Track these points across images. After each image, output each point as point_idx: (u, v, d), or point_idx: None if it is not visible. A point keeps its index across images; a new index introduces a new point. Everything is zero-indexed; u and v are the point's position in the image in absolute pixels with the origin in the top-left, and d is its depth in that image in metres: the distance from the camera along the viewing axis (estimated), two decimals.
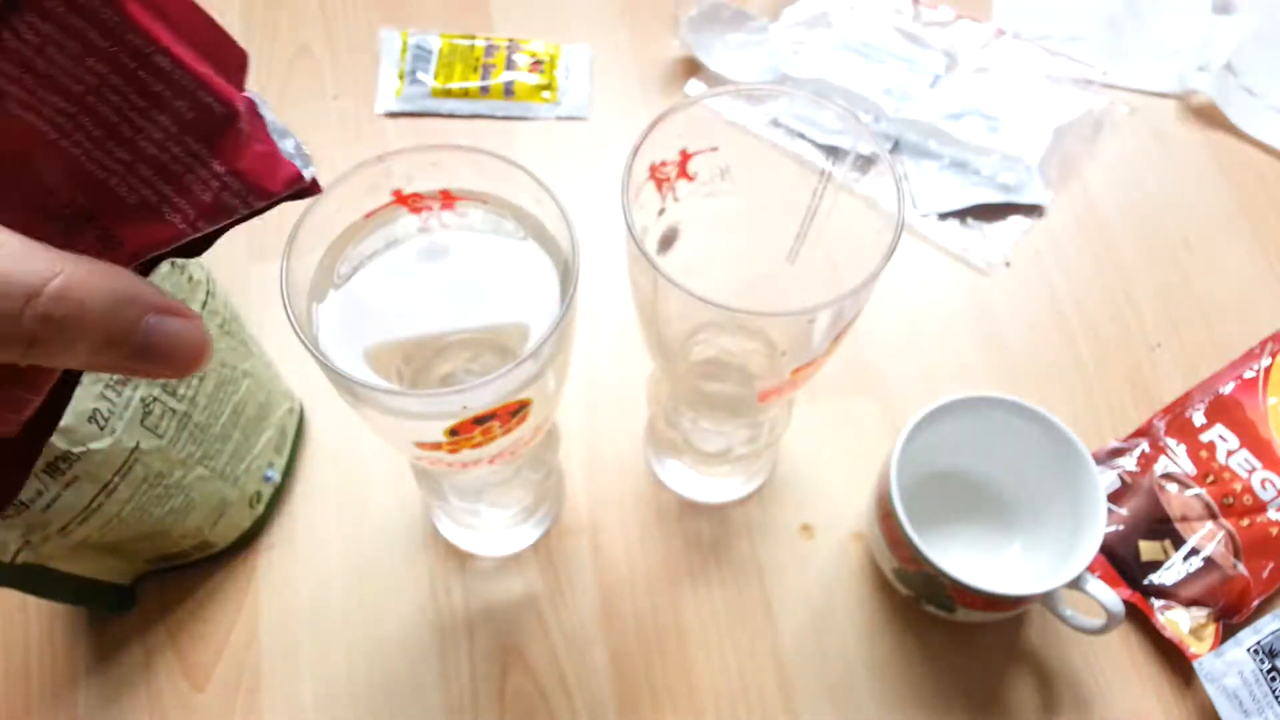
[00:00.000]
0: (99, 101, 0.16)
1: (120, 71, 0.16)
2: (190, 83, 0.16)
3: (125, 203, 0.17)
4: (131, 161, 0.17)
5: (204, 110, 0.17)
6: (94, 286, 0.15)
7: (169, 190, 0.17)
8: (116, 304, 0.16)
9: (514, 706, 0.42)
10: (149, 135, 0.17)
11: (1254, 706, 0.41)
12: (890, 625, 0.45)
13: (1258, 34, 0.63)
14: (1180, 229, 0.57)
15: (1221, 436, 0.48)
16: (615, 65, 0.63)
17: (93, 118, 0.16)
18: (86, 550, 0.39)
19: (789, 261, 0.37)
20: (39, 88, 0.16)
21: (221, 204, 0.18)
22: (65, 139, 0.16)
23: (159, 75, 0.16)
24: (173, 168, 0.17)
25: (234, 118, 0.17)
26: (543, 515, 0.46)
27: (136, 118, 0.16)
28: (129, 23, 0.15)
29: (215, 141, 0.17)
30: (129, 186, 0.17)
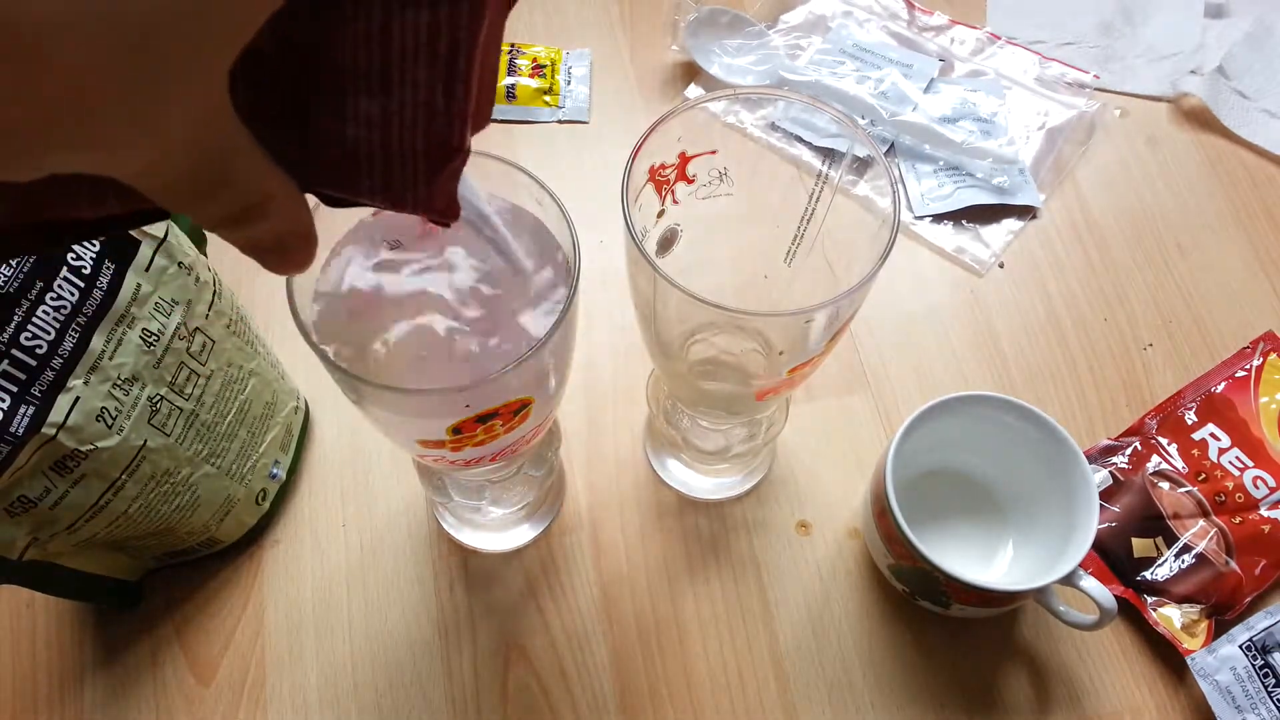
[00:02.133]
0: (404, 68, 0.18)
1: (430, 69, 0.18)
2: (458, 109, 0.19)
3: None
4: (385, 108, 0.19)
5: (449, 133, 0.19)
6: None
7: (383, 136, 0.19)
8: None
9: (516, 701, 0.43)
10: (408, 113, 0.19)
11: (1247, 702, 0.42)
12: (886, 620, 0.45)
13: (1249, 38, 0.64)
14: (1172, 230, 0.58)
15: (1213, 435, 0.48)
16: (615, 69, 0.63)
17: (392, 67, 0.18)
18: (93, 547, 0.39)
19: (786, 263, 0.37)
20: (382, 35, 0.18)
21: (394, 185, 0.20)
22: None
23: (450, 102, 0.19)
24: (398, 141, 0.19)
25: (457, 156, 0.20)
26: (544, 512, 0.47)
27: (410, 99, 0.19)
28: (467, 43, 0.18)
29: (439, 160, 0.19)
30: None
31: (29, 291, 0.32)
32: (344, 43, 0.18)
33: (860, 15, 0.66)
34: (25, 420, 0.32)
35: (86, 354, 0.34)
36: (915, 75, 0.62)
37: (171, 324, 0.37)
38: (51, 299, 0.33)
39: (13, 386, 0.31)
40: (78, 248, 0.34)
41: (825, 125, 0.34)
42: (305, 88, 0.19)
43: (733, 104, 0.36)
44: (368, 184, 0.20)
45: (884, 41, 0.65)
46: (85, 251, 0.34)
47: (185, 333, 0.38)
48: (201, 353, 0.39)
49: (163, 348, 0.37)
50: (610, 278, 0.54)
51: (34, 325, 0.32)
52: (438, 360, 0.29)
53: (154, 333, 0.36)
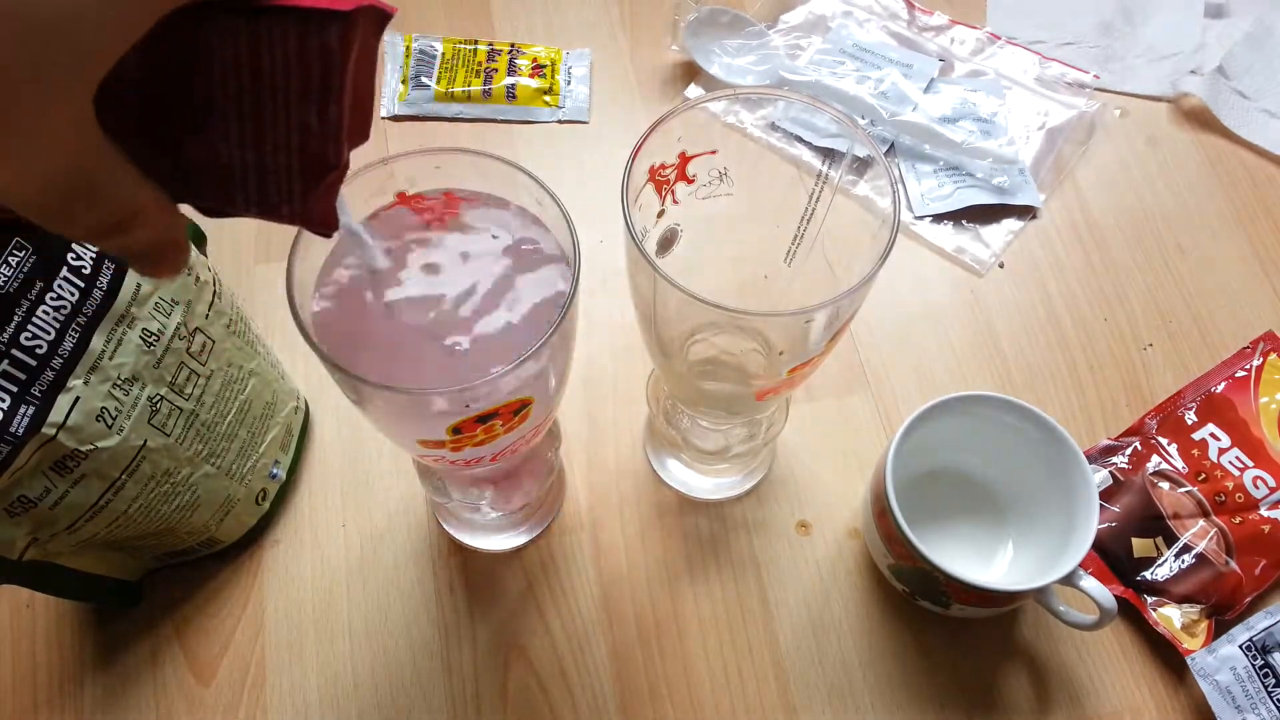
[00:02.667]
0: (275, 90, 0.19)
1: (303, 90, 0.19)
2: (332, 129, 0.19)
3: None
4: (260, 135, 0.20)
5: (323, 151, 0.20)
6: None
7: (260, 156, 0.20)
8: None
9: (516, 701, 0.43)
10: (280, 132, 0.20)
11: (1247, 702, 0.42)
12: (886, 620, 0.45)
13: (1249, 38, 0.64)
14: (1172, 230, 0.58)
15: (1213, 435, 0.48)
16: (615, 69, 0.63)
17: (264, 94, 0.19)
18: (93, 547, 0.39)
19: (786, 263, 0.37)
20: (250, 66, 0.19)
21: (269, 200, 0.20)
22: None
23: (324, 122, 0.19)
24: (276, 164, 0.20)
25: (334, 172, 0.20)
26: (544, 512, 0.47)
27: (283, 119, 0.19)
28: (338, 65, 0.19)
29: (314, 176, 0.20)
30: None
31: (29, 291, 0.32)
32: (213, 67, 0.19)
33: (860, 15, 0.66)
34: (25, 420, 0.32)
35: (86, 354, 0.34)
36: (915, 75, 0.62)
37: (171, 324, 0.37)
38: (51, 299, 0.33)
39: (13, 386, 0.31)
40: (77, 247, 0.34)
41: (825, 125, 0.34)
42: (176, 109, 0.19)
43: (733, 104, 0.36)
44: (242, 199, 0.20)
45: (884, 41, 0.65)
46: (85, 251, 0.34)
47: (185, 333, 0.38)
48: (201, 353, 0.39)
49: (163, 348, 0.37)
50: (610, 278, 0.54)
51: (34, 325, 0.32)
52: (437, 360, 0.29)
53: (154, 333, 0.36)
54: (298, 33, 0.18)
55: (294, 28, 0.18)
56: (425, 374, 0.29)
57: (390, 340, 0.29)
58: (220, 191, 0.20)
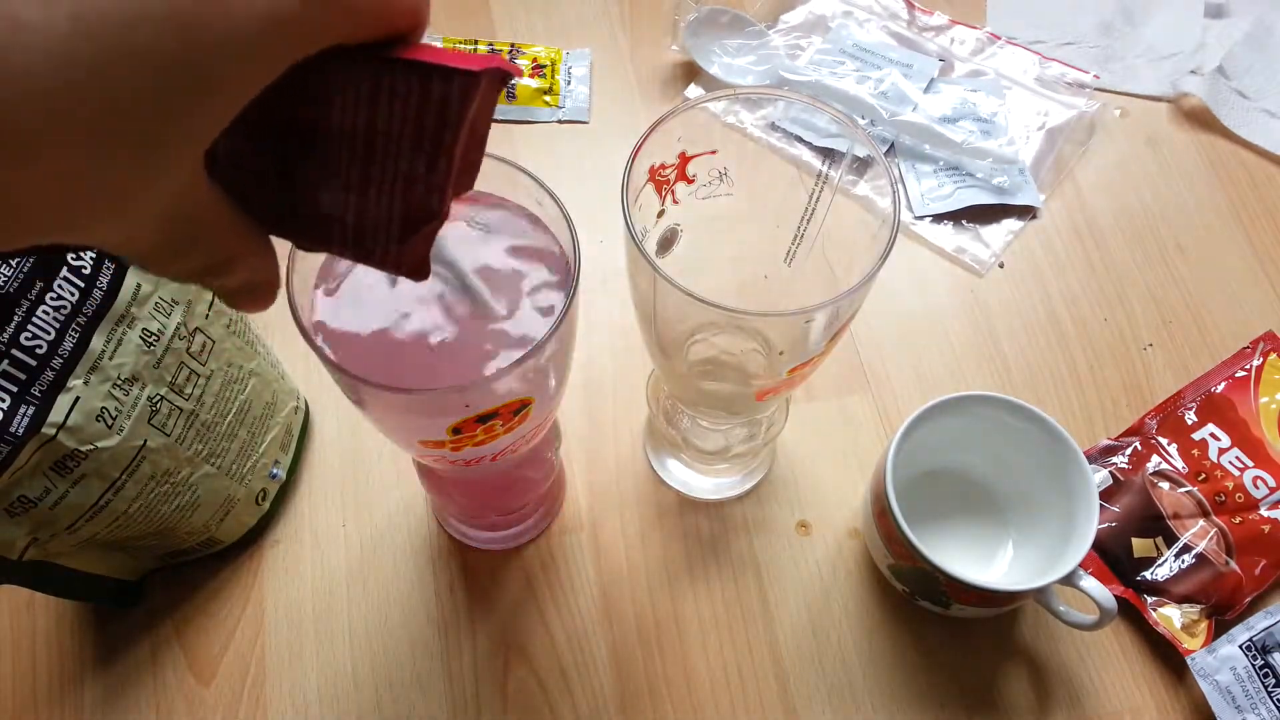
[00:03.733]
0: (388, 138, 0.19)
1: (415, 142, 0.19)
2: (439, 181, 0.19)
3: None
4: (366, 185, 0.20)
5: (427, 200, 0.20)
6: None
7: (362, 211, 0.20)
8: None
9: (516, 700, 0.43)
10: (387, 179, 0.20)
11: (1247, 702, 0.42)
12: (886, 621, 0.45)
13: (1249, 38, 0.64)
14: (1172, 230, 0.58)
15: (1213, 435, 0.48)
16: (615, 69, 0.63)
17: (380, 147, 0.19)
18: (93, 547, 0.39)
19: (786, 263, 0.37)
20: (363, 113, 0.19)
21: (365, 244, 0.21)
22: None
23: (431, 174, 0.19)
24: (377, 210, 0.20)
25: (434, 220, 0.20)
26: (544, 512, 0.47)
27: (392, 167, 0.19)
28: (454, 122, 0.19)
29: (414, 224, 0.20)
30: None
31: (29, 291, 0.32)
32: (330, 110, 0.19)
33: (860, 15, 0.66)
34: (25, 420, 0.32)
35: (86, 354, 0.34)
36: (915, 75, 0.62)
37: (171, 324, 0.37)
38: (51, 299, 0.33)
39: (13, 386, 0.31)
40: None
41: (825, 125, 0.34)
42: (285, 147, 0.19)
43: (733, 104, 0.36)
44: (339, 240, 0.21)
45: (884, 41, 0.65)
46: (90, 250, 0.34)
47: (185, 333, 0.38)
48: (201, 353, 0.39)
49: (163, 348, 0.37)
50: (610, 278, 0.54)
51: (34, 325, 0.32)
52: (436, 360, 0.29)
53: (154, 333, 0.36)
54: (421, 86, 0.18)
55: (418, 80, 0.18)
56: (425, 374, 0.29)
57: (390, 340, 0.29)
58: (319, 232, 0.20)
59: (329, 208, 0.20)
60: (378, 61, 0.18)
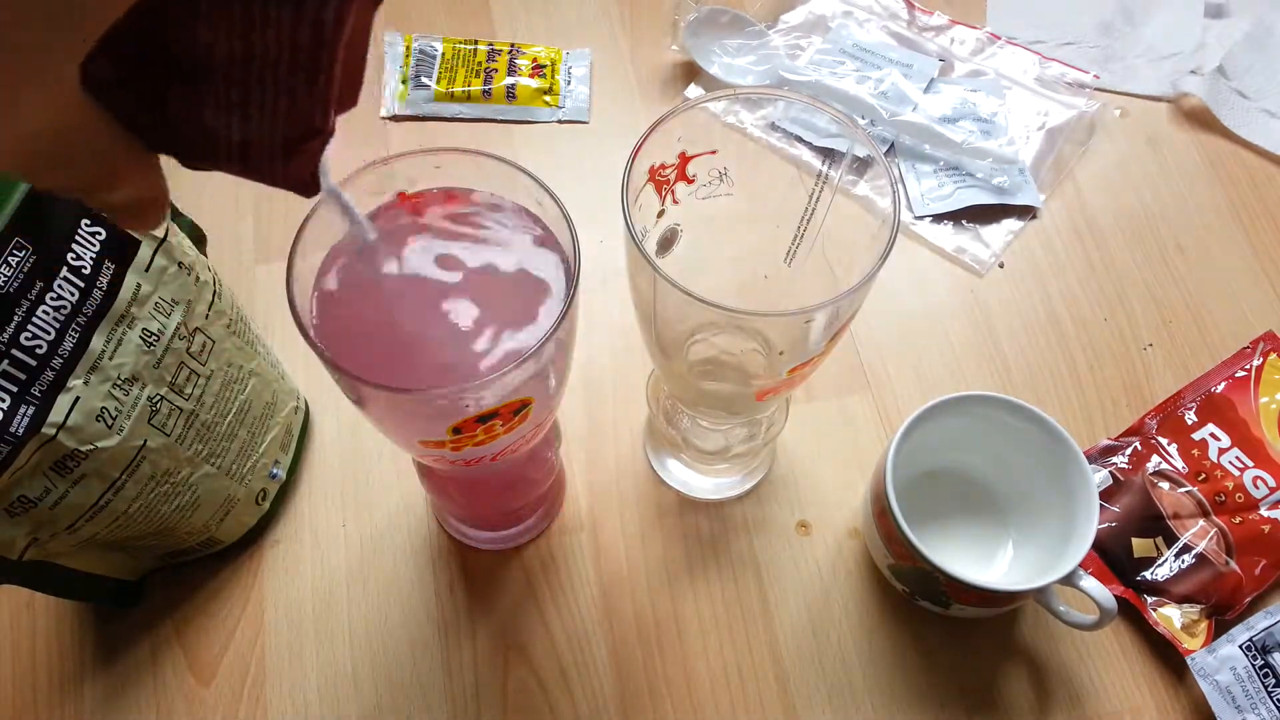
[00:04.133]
0: (266, 57, 0.19)
1: (293, 60, 0.19)
2: (319, 98, 0.20)
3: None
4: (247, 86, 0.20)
5: (309, 117, 0.20)
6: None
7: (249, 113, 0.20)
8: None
9: (516, 700, 0.43)
10: (269, 96, 0.20)
11: (1247, 703, 0.42)
12: (886, 621, 0.45)
13: (1249, 37, 0.64)
14: (1172, 230, 0.58)
15: (1213, 435, 0.48)
16: (616, 69, 0.63)
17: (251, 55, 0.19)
18: (93, 547, 0.39)
19: (786, 263, 0.37)
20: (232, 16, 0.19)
21: (251, 159, 0.21)
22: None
23: (311, 91, 0.19)
24: (266, 118, 0.20)
25: (319, 137, 0.20)
26: (544, 512, 0.47)
27: (272, 84, 0.19)
28: (329, 41, 0.19)
29: (297, 140, 0.20)
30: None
31: (29, 291, 0.32)
32: (206, 27, 0.19)
33: (860, 15, 0.66)
34: (25, 420, 0.32)
35: (86, 354, 0.34)
36: (915, 75, 0.62)
37: (171, 324, 0.37)
38: (51, 299, 0.33)
39: (13, 386, 0.31)
40: (77, 247, 0.34)
41: (825, 125, 0.34)
42: (164, 64, 0.19)
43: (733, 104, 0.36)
44: (225, 155, 0.21)
45: (884, 41, 0.65)
46: (85, 251, 0.34)
47: (185, 333, 0.38)
48: (201, 353, 0.39)
49: (163, 348, 0.37)
50: (610, 278, 0.54)
51: (34, 325, 0.32)
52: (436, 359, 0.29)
53: (154, 333, 0.36)
54: (293, 4, 0.18)
55: (292, 2, 0.18)
56: (425, 374, 0.29)
57: (390, 340, 0.29)
58: (205, 147, 0.21)
59: (212, 126, 0.20)
60: None
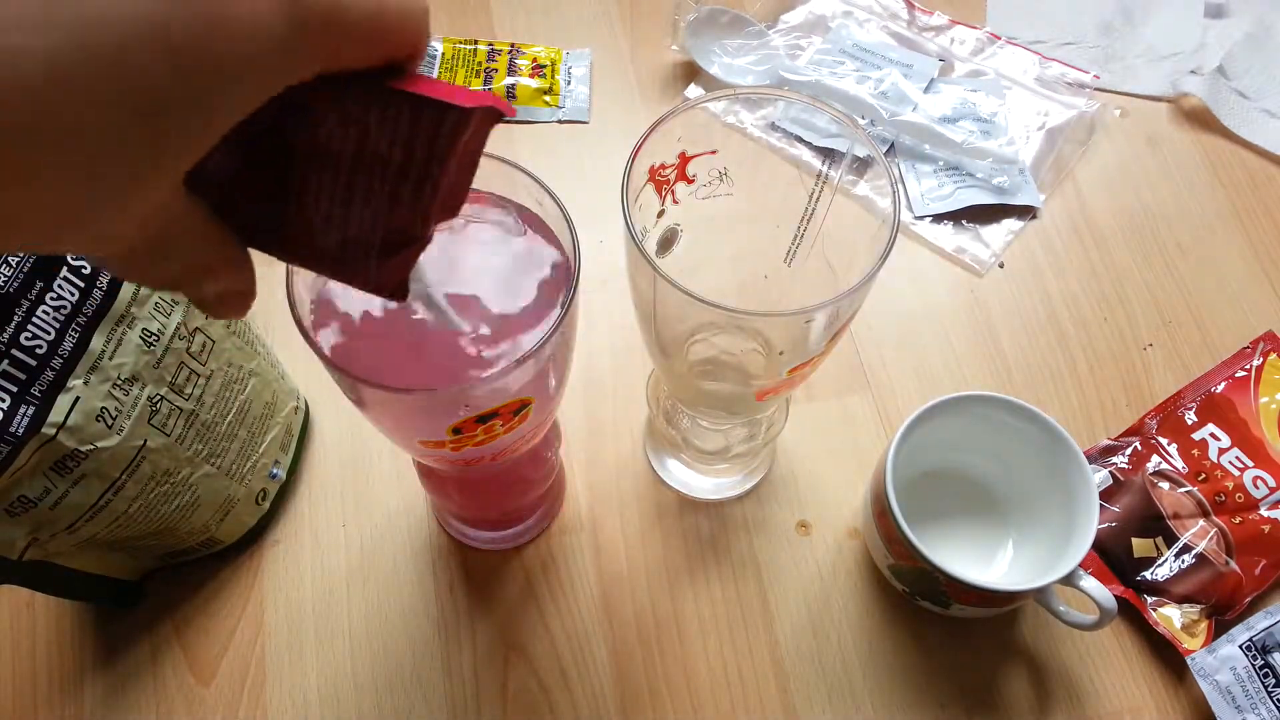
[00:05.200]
0: (376, 168, 0.19)
1: (403, 170, 0.19)
2: (423, 207, 0.20)
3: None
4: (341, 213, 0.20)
5: (410, 224, 0.20)
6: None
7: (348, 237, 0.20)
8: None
9: (516, 701, 0.43)
10: (372, 203, 0.20)
11: (1247, 702, 0.42)
12: (886, 621, 0.45)
13: (1249, 38, 0.64)
14: (1172, 230, 0.58)
15: (1213, 435, 0.48)
16: (616, 69, 0.63)
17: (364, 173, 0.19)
18: (93, 547, 0.39)
19: (786, 263, 0.37)
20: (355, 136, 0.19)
21: (347, 261, 0.21)
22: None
23: (416, 200, 0.19)
24: (360, 234, 0.20)
25: (416, 244, 0.20)
26: (544, 512, 0.47)
27: (378, 192, 0.19)
28: (442, 154, 0.19)
29: (394, 246, 0.20)
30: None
31: (29, 291, 0.32)
32: (320, 131, 0.19)
33: (860, 15, 0.66)
34: (25, 420, 0.32)
35: (86, 354, 0.34)
36: (915, 75, 0.62)
37: (171, 324, 0.37)
38: (51, 299, 0.33)
39: (13, 386, 0.31)
40: None
41: (825, 125, 0.34)
42: (272, 164, 0.19)
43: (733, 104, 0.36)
44: (319, 258, 0.21)
45: (884, 41, 0.65)
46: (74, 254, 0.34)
47: (185, 333, 0.38)
48: (201, 353, 0.39)
49: (163, 348, 0.37)
50: (610, 278, 0.54)
51: (34, 325, 0.32)
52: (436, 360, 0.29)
53: (154, 333, 0.36)
54: (412, 117, 0.18)
55: (410, 111, 0.18)
56: (425, 374, 0.29)
57: (390, 341, 0.29)
58: (299, 248, 0.20)
59: (310, 226, 0.20)
60: (373, 90, 0.18)
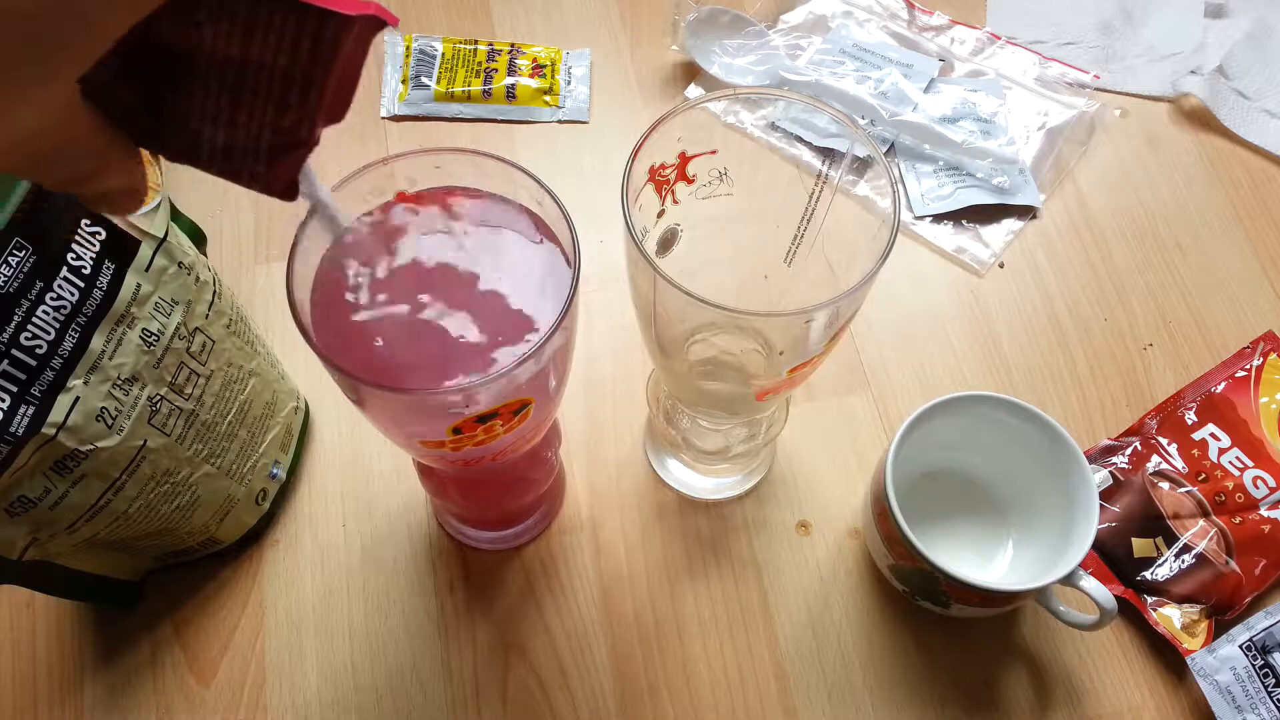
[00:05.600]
0: (262, 66, 0.19)
1: (288, 72, 0.19)
2: (309, 110, 0.20)
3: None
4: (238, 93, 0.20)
5: (297, 127, 0.20)
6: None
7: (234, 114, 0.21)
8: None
9: (516, 701, 0.43)
10: (259, 104, 0.20)
11: (1247, 702, 0.42)
12: (886, 621, 0.45)
13: (1249, 38, 0.64)
14: (1172, 230, 0.58)
15: (1213, 435, 0.48)
16: (615, 69, 0.63)
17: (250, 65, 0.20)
18: (94, 547, 0.39)
19: (786, 263, 0.37)
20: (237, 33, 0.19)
21: (233, 162, 0.21)
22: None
23: (303, 105, 0.20)
24: (250, 124, 0.21)
25: (303, 147, 0.21)
26: (544, 512, 0.47)
27: (264, 93, 0.20)
28: (326, 59, 0.19)
29: (282, 148, 0.21)
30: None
31: (29, 291, 0.32)
32: (205, 32, 0.19)
33: (860, 15, 0.66)
34: (25, 420, 0.32)
35: (86, 354, 0.34)
36: (915, 75, 0.62)
37: (171, 324, 0.37)
38: (51, 299, 0.33)
39: (13, 386, 0.31)
40: (77, 247, 0.34)
41: (825, 125, 0.34)
42: (158, 64, 0.20)
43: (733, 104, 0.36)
44: (208, 156, 0.21)
45: (884, 41, 0.65)
46: (85, 251, 0.34)
47: (185, 333, 0.38)
48: (201, 353, 0.39)
49: (163, 348, 0.37)
50: (610, 278, 0.54)
51: (34, 325, 0.32)
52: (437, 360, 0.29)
53: (154, 333, 0.36)
54: (296, 20, 0.19)
55: (294, 15, 0.19)
56: (425, 374, 0.29)
57: (390, 341, 0.29)
58: (189, 147, 0.21)
59: (198, 126, 0.20)
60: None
